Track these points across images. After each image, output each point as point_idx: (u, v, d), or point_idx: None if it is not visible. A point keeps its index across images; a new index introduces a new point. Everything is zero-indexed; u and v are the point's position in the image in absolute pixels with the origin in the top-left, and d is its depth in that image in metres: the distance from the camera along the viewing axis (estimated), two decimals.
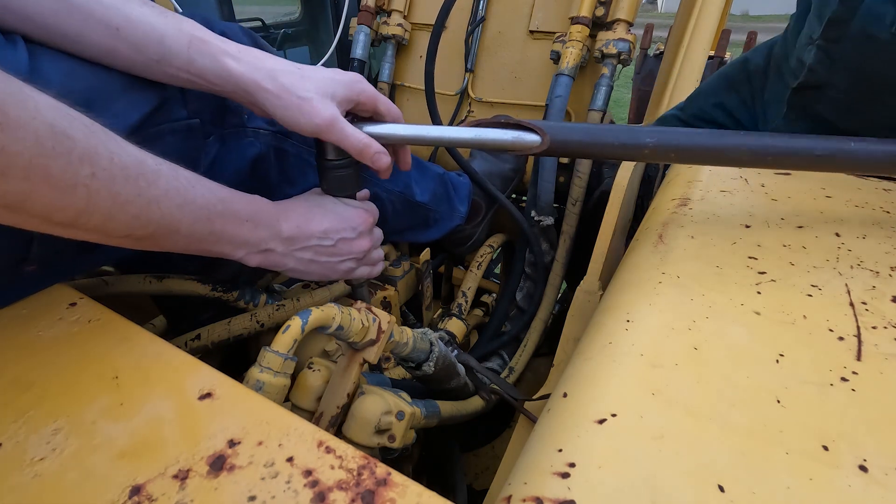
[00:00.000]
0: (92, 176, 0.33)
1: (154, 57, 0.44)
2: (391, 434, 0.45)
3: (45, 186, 0.31)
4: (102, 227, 0.35)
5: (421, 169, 0.80)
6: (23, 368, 0.36)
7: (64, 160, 0.31)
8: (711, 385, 0.33)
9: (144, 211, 0.37)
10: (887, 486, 0.26)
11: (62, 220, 0.33)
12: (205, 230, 0.42)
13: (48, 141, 0.30)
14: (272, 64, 0.47)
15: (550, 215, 0.91)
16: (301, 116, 0.46)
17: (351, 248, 0.53)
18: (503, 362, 0.90)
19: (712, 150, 0.51)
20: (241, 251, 0.46)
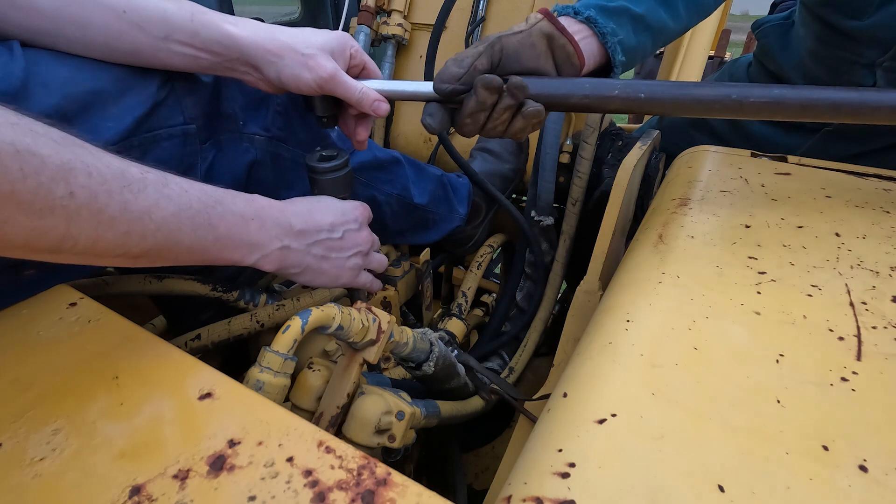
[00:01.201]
0: (70, 196, 0.30)
1: (159, 34, 0.44)
2: (391, 434, 0.45)
3: (18, 213, 0.28)
4: (92, 250, 0.33)
5: (419, 171, 0.80)
6: (23, 368, 0.36)
7: (33, 182, 0.28)
8: (711, 385, 0.33)
9: (136, 225, 0.34)
10: (887, 486, 0.26)
11: (46, 247, 0.31)
12: (209, 237, 0.39)
13: (13, 163, 0.27)
14: (270, 27, 0.49)
15: (550, 215, 0.91)
16: (306, 71, 0.48)
17: (357, 241, 0.53)
18: (503, 362, 0.90)
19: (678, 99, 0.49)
20: (255, 254, 0.44)
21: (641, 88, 0.50)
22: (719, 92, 0.49)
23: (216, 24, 0.46)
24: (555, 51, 0.51)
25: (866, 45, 0.72)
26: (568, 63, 0.52)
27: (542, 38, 0.50)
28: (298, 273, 0.49)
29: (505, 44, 0.49)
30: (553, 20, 0.51)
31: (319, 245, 0.49)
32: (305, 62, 0.48)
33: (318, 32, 0.50)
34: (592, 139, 0.86)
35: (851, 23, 0.71)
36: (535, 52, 0.50)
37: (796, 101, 0.49)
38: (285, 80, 0.49)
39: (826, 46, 0.77)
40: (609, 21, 0.53)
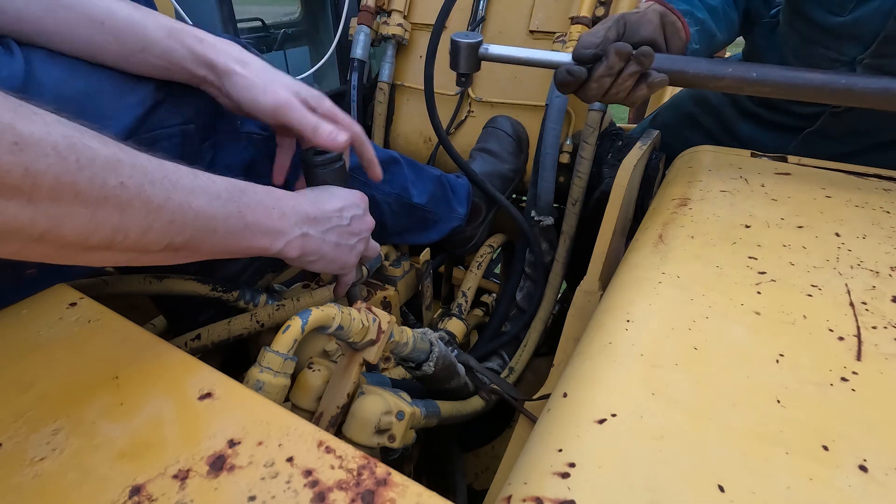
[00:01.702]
0: (121, 185, 0.31)
1: (136, 48, 0.45)
2: (391, 434, 0.45)
3: (77, 205, 0.29)
4: (140, 242, 0.33)
5: (417, 171, 0.80)
6: (23, 368, 0.36)
7: (89, 172, 0.29)
8: (711, 385, 0.33)
9: (178, 214, 0.35)
10: (887, 486, 0.26)
11: (99, 243, 0.31)
12: (239, 224, 0.40)
13: (70, 154, 0.28)
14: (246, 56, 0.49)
15: (550, 215, 0.91)
16: (263, 95, 0.49)
17: (362, 226, 0.54)
18: (503, 362, 0.90)
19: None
20: (280, 241, 0.45)
21: (753, 69, 0.57)
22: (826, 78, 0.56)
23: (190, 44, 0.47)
24: (665, 26, 0.62)
25: (846, 42, 0.73)
26: (676, 36, 0.63)
27: (657, 14, 0.62)
28: (315, 260, 0.50)
29: (628, 19, 0.60)
30: (665, 4, 0.63)
31: (333, 231, 0.50)
32: (265, 87, 0.49)
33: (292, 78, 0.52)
34: (592, 139, 0.86)
35: (832, 18, 0.72)
36: (651, 26, 0.61)
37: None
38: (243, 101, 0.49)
39: (808, 44, 0.78)
40: (687, 17, 0.64)
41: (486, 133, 0.99)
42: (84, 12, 0.43)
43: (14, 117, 0.26)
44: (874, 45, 0.69)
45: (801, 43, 0.79)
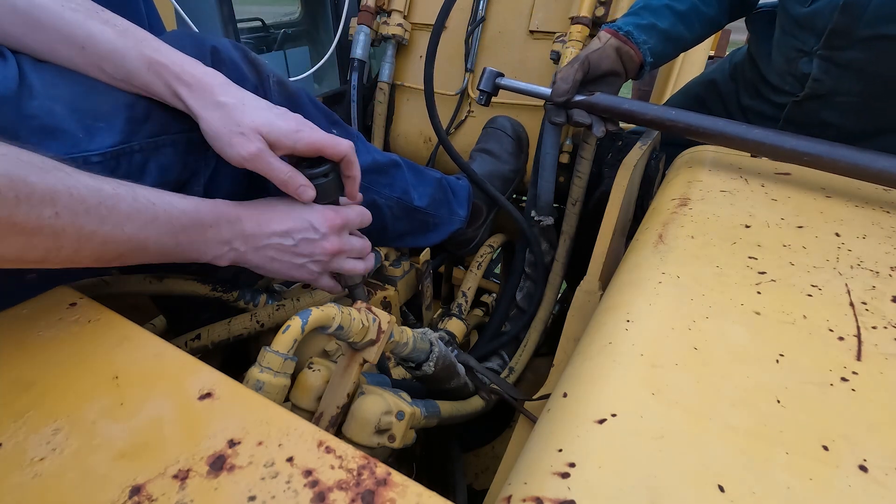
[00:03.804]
0: (55, 215, 0.34)
1: (118, 76, 0.45)
2: (391, 434, 0.45)
3: (13, 234, 0.32)
4: (72, 258, 0.37)
5: (418, 174, 0.80)
6: (23, 368, 0.36)
7: (26, 206, 0.32)
8: (711, 385, 0.33)
9: (110, 237, 0.38)
10: (887, 486, 0.26)
11: (33, 259, 0.35)
12: (171, 243, 0.43)
13: (8, 192, 0.31)
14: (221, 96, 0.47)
15: (550, 215, 0.91)
16: (229, 148, 0.47)
17: (313, 249, 0.53)
18: (503, 362, 0.90)
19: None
20: (208, 255, 0.47)
21: (672, 111, 0.67)
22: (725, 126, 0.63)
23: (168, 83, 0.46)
24: (622, 56, 0.72)
25: (807, 33, 0.75)
26: (630, 62, 0.73)
27: (613, 49, 0.72)
28: (247, 266, 0.52)
29: (591, 58, 0.71)
30: (619, 37, 0.72)
31: (269, 248, 0.51)
32: (230, 140, 0.47)
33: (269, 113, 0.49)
34: (592, 139, 0.86)
35: (799, 9, 0.75)
36: (609, 60, 0.71)
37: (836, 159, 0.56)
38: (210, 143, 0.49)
39: (784, 34, 0.80)
40: (642, 34, 0.72)
41: (485, 133, 0.99)
42: (62, 36, 0.43)
43: None
44: (823, 37, 0.72)
45: (781, 34, 0.81)
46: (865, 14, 0.66)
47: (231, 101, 0.48)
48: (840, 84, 0.75)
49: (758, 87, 0.90)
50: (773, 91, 0.87)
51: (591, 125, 0.72)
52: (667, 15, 0.73)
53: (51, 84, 0.42)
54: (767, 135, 0.59)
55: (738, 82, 0.97)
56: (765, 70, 0.88)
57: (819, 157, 0.56)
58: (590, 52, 0.71)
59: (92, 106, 0.44)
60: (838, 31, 0.70)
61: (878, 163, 0.53)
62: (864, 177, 0.54)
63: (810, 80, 0.77)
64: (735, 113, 0.96)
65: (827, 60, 0.74)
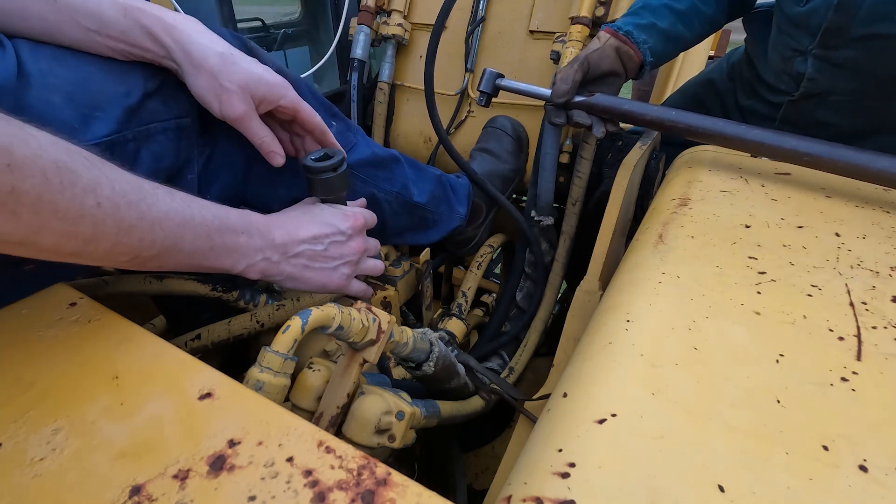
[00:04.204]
0: (97, 206, 0.34)
1: (92, 27, 0.44)
2: (391, 434, 0.45)
3: (54, 220, 0.32)
4: (109, 253, 0.37)
5: (418, 170, 0.80)
6: (23, 368, 0.36)
7: (70, 193, 0.32)
8: (711, 385, 0.33)
9: (148, 233, 0.38)
10: (887, 485, 0.26)
11: (71, 251, 0.34)
12: (206, 246, 0.43)
13: (54, 177, 0.31)
14: (207, 41, 0.47)
15: (550, 215, 0.91)
16: (216, 103, 0.49)
17: (343, 251, 0.54)
18: (503, 362, 0.90)
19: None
20: (242, 264, 0.47)
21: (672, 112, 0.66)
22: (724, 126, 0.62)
23: (146, 26, 0.45)
24: (621, 56, 0.71)
25: (802, 32, 0.75)
26: (630, 61, 0.72)
27: (613, 49, 0.71)
28: (281, 281, 0.52)
29: (590, 59, 0.70)
30: (618, 37, 0.71)
31: (301, 256, 0.51)
32: (219, 94, 0.48)
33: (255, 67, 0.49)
34: (592, 139, 0.86)
35: (794, 8, 0.75)
36: (609, 60, 0.71)
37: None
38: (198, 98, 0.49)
39: (780, 34, 0.80)
40: (642, 33, 0.72)
41: (486, 133, 0.99)
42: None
43: (12, 141, 0.29)
44: (818, 36, 0.72)
45: (777, 32, 0.81)
46: (860, 13, 0.67)
47: (218, 48, 0.48)
48: (835, 83, 0.75)
49: (754, 86, 0.90)
50: (769, 90, 0.87)
51: (591, 126, 0.72)
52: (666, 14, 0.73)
53: (48, 72, 0.42)
54: (767, 135, 0.59)
55: (735, 82, 0.97)
56: (762, 69, 0.88)
57: (819, 157, 0.56)
58: (589, 53, 0.71)
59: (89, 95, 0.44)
60: (833, 30, 0.70)
61: (877, 163, 0.53)
62: (864, 177, 0.54)
63: (805, 79, 0.77)
64: (732, 112, 0.97)
65: (821, 59, 0.74)
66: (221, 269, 0.46)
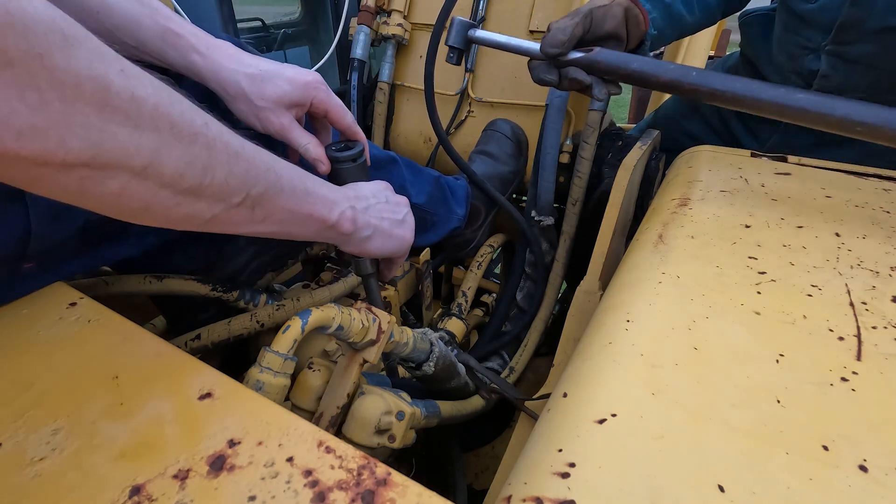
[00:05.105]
0: (206, 125, 0.33)
1: (130, 42, 0.45)
2: (391, 434, 0.45)
3: (172, 137, 0.30)
4: (224, 187, 0.34)
5: (415, 172, 0.80)
6: (23, 368, 0.36)
7: (180, 108, 0.31)
8: (711, 385, 0.33)
9: (252, 164, 0.37)
10: (887, 485, 0.26)
11: (190, 185, 0.32)
12: (301, 187, 0.42)
13: (163, 91, 0.30)
14: (236, 65, 0.49)
15: (550, 215, 0.91)
16: (257, 122, 0.51)
17: (400, 200, 0.56)
18: (503, 362, 0.90)
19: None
20: (335, 211, 0.46)
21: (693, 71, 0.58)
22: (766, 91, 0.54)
23: (183, 52, 0.47)
24: (629, 20, 0.65)
25: (813, 29, 0.74)
26: (636, 28, 0.67)
27: (621, 9, 0.65)
28: (370, 236, 0.51)
29: (595, 14, 0.63)
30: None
31: (373, 209, 0.52)
32: (256, 113, 0.50)
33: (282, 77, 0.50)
34: (592, 139, 0.86)
35: (804, 6, 0.74)
36: (615, 21, 0.64)
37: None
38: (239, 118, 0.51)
39: (787, 32, 0.80)
40: (647, 2, 0.68)
41: (485, 135, 0.99)
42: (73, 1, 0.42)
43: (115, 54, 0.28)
44: (832, 31, 0.71)
45: (783, 31, 0.81)
46: (876, 6, 0.66)
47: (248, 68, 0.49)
48: (849, 79, 0.74)
49: None
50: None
51: (591, 86, 0.63)
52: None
53: None
54: (812, 100, 0.52)
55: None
56: (765, 71, 0.87)
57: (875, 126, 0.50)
58: (595, 7, 0.64)
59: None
60: (848, 25, 0.69)
61: None
62: None
63: (818, 76, 0.76)
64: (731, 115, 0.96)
65: (836, 56, 0.73)
66: (319, 221, 0.44)
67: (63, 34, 0.24)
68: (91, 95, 0.26)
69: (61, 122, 0.25)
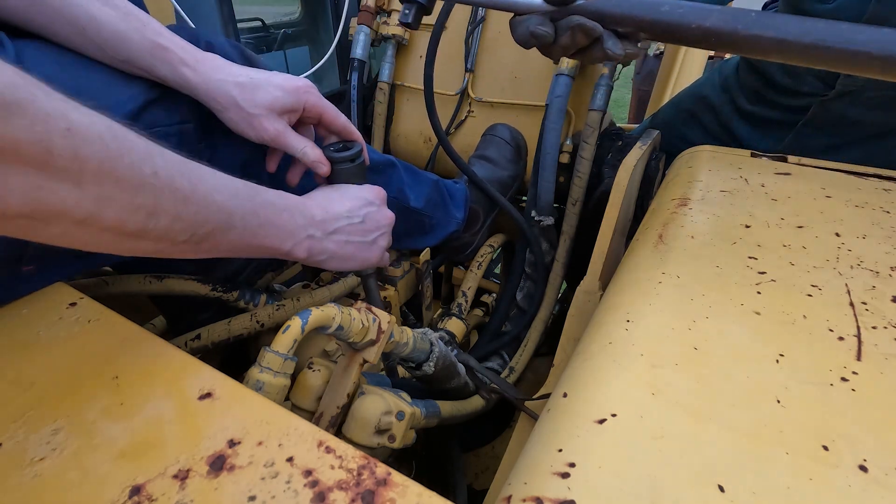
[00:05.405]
0: (154, 174, 0.33)
1: (119, 57, 0.45)
2: (391, 434, 0.45)
3: (117, 190, 0.31)
4: (170, 231, 0.35)
5: (414, 175, 0.80)
6: (23, 368, 0.36)
7: (128, 160, 0.31)
8: (711, 385, 0.33)
9: (203, 206, 0.37)
10: (887, 486, 0.26)
11: (133, 230, 0.33)
12: (255, 222, 0.42)
13: (112, 143, 0.30)
14: (225, 75, 0.49)
15: (550, 215, 0.91)
16: (251, 130, 0.51)
17: (379, 221, 0.55)
18: (503, 362, 0.90)
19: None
20: (289, 242, 0.47)
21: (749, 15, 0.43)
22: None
23: (172, 66, 0.47)
24: None
25: None
26: None
27: None
28: (325, 260, 0.51)
29: None
30: None
31: (341, 232, 0.52)
32: (250, 121, 0.50)
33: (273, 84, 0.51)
34: (592, 139, 0.86)
35: (818, 6, 0.73)
36: None
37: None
38: (233, 129, 0.51)
39: None
40: None
41: (484, 140, 1.00)
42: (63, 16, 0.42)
43: (66, 107, 0.28)
44: None
45: None
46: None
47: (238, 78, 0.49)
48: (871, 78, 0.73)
49: (761, 92, 0.89)
50: (785, 94, 0.85)
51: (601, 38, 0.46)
52: None
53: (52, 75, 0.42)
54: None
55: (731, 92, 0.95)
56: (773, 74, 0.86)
57: None
58: None
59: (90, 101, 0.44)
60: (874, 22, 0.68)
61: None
62: None
63: (842, 76, 0.75)
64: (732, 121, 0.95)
65: None
66: (271, 250, 0.45)
67: (5, 103, 0.25)
68: (31, 158, 0.26)
69: (0, 182, 0.26)
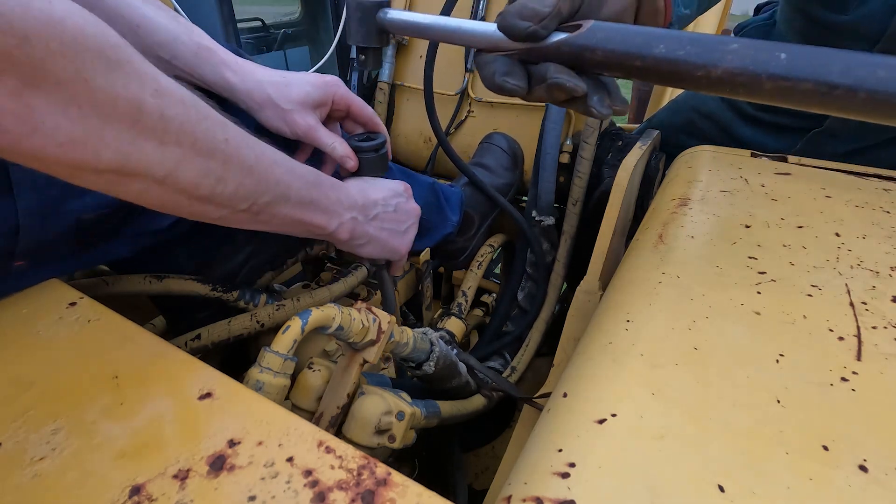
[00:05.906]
0: (225, 141, 0.35)
1: (165, 56, 0.48)
2: (391, 434, 0.45)
3: (192, 151, 0.33)
4: (234, 196, 0.38)
5: (410, 178, 0.80)
6: (23, 368, 0.36)
7: (204, 125, 0.34)
8: (711, 385, 0.33)
9: (264, 177, 0.39)
10: (887, 486, 0.26)
11: (204, 193, 0.36)
12: (308, 197, 0.44)
13: (192, 108, 0.33)
14: (261, 76, 0.52)
15: (551, 215, 0.91)
16: (284, 126, 0.53)
17: (409, 211, 0.58)
18: (505, 362, 0.90)
19: None
20: (335, 221, 0.48)
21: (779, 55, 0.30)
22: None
23: (215, 67, 0.50)
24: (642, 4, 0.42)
25: (849, 40, 0.72)
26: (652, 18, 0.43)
27: None
28: (364, 245, 0.53)
29: None
30: None
31: (377, 219, 0.54)
32: (283, 116, 0.53)
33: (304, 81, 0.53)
34: (592, 139, 0.86)
35: (835, 17, 0.71)
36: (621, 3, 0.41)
37: None
38: (268, 127, 0.54)
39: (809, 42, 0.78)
40: None
41: (481, 148, 1.00)
42: (119, 13, 0.45)
43: (155, 71, 0.31)
44: (881, 41, 0.69)
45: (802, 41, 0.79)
46: None
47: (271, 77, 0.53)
48: None
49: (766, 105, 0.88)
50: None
51: (586, 96, 0.36)
52: None
53: None
54: None
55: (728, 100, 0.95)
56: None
57: None
58: None
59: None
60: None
61: None
62: None
63: None
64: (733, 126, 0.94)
65: None
66: (318, 228, 0.47)
67: (108, 59, 0.27)
68: (125, 114, 0.28)
69: (96, 136, 0.28)
